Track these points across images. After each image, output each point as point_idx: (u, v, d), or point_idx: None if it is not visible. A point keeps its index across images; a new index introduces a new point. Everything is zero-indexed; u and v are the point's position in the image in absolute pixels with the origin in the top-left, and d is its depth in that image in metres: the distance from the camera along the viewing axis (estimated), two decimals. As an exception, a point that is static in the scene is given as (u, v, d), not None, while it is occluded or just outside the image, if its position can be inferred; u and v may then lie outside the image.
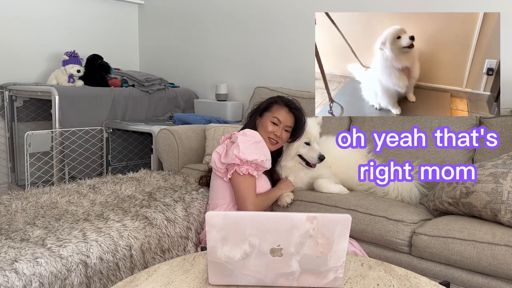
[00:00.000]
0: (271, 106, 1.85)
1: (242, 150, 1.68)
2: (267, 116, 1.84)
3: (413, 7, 2.47)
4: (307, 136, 1.93)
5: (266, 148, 1.77)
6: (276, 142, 1.83)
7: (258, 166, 1.72)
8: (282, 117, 1.82)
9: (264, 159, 1.72)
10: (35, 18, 3.47)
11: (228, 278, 1.00)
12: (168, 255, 1.61)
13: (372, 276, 1.09)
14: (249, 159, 1.67)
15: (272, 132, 1.81)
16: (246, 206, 1.70)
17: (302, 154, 1.94)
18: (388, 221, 1.68)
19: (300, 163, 1.96)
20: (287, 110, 1.84)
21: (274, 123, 1.82)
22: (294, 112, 1.85)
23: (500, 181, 1.55)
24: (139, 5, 4.14)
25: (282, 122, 1.82)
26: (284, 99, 1.88)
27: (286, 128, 1.84)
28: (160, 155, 2.52)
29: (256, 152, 1.70)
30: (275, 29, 3.16)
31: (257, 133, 1.78)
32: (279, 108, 1.84)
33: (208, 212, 0.96)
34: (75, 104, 3.02)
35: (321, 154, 1.90)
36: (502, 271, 1.42)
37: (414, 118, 2.19)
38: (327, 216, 0.96)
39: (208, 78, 3.67)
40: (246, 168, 1.69)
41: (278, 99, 1.88)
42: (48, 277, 1.25)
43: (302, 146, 1.94)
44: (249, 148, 1.69)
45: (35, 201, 1.76)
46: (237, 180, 1.72)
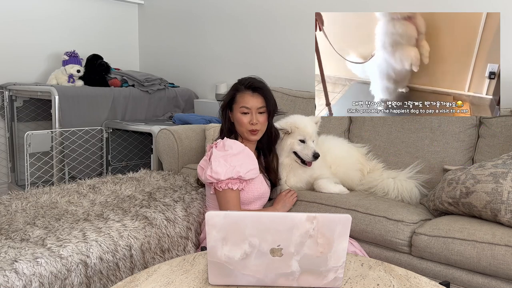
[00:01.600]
0: (235, 96, 1.76)
1: (214, 170, 1.60)
2: (236, 109, 1.75)
3: (413, 7, 2.47)
4: (302, 133, 1.92)
5: (247, 158, 1.66)
6: (256, 130, 1.74)
7: (241, 180, 1.64)
8: (249, 103, 1.72)
9: (244, 172, 1.62)
10: (35, 18, 3.47)
11: (228, 278, 1.00)
12: (168, 255, 1.61)
13: (372, 276, 1.09)
14: (222, 178, 1.59)
15: (247, 123, 1.72)
16: None
17: (297, 152, 1.93)
18: (388, 221, 1.68)
19: (295, 161, 1.96)
20: (251, 93, 1.74)
21: (244, 112, 1.73)
22: (259, 91, 1.75)
23: (500, 181, 1.55)
24: (139, 5, 4.14)
25: (251, 108, 1.72)
26: (243, 82, 1.77)
27: (259, 110, 1.74)
28: (160, 155, 2.52)
29: (233, 166, 1.61)
30: (275, 29, 3.16)
31: (236, 143, 1.68)
32: (243, 95, 1.74)
33: (208, 212, 0.96)
34: (75, 104, 3.02)
35: (315, 152, 1.88)
36: (502, 271, 1.42)
37: (414, 118, 2.18)
38: (327, 216, 0.96)
39: (208, 78, 3.67)
40: (226, 183, 1.62)
41: (238, 85, 1.78)
42: (48, 277, 1.25)
43: (297, 143, 1.92)
44: (223, 165, 1.60)
45: (35, 201, 1.76)
46: (218, 195, 1.67)
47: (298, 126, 1.92)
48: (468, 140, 2.08)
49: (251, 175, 1.66)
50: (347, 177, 2.08)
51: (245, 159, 1.66)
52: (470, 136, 2.08)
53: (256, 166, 1.69)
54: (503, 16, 1.82)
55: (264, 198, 1.83)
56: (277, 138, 1.92)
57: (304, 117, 1.98)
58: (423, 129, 2.16)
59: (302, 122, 1.93)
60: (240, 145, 1.70)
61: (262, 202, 1.83)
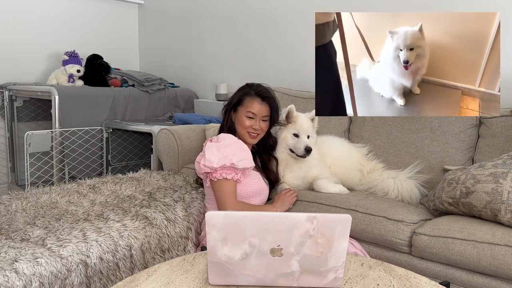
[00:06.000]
0: (243, 100, 1.79)
1: (207, 158, 1.64)
2: (241, 111, 1.78)
3: (412, 7, 2.47)
4: (296, 128, 1.94)
5: (241, 149, 1.69)
6: (256, 134, 1.79)
7: (235, 169, 1.67)
8: (256, 109, 1.76)
9: (237, 161, 1.64)
10: (35, 18, 3.47)
11: (228, 278, 1.00)
12: (168, 255, 1.61)
13: (372, 276, 1.09)
14: (215, 166, 1.63)
15: (249, 126, 1.77)
16: (225, 210, 1.64)
17: (289, 145, 1.95)
18: (388, 221, 1.68)
19: (289, 154, 1.97)
20: (260, 101, 1.78)
21: (249, 117, 1.77)
22: (267, 101, 1.79)
23: (500, 181, 1.55)
24: (139, 5, 4.14)
25: (257, 114, 1.77)
26: (254, 88, 1.81)
27: (263, 118, 1.79)
28: (160, 155, 2.52)
29: (226, 155, 1.64)
30: (275, 29, 3.16)
31: (229, 136, 1.73)
32: (252, 100, 1.77)
33: (208, 212, 0.96)
34: (75, 104, 3.02)
35: (308, 146, 1.90)
36: (502, 271, 1.42)
37: (414, 118, 2.18)
38: (327, 216, 0.96)
39: (208, 78, 3.67)
40: (220, 173, 1.65)
41: (248, 90, 1.80)
42: (48, 277, 1.25)
43: (291, 137, 1.95)
44: (216, 154, 1.64)
45: (35, 201, 1.76)
46: (214, 186, 1.69)
47: (293, 115, 1.96)
48: (468, 140, 2.08)
49: (245, 164, 1.68)
50: (347, 177, 2.08)
51: (238, 149, 1.69)
52: (470, 136, 2.08)
53: (249, 157, 1.72)
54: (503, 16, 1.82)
55: (263, 195, 1.84)
56: (273, 146, 1.96)
57: (300, 113, 2.01)
58: (423, 129, 2.16)
59: (297, 114, 1.97)
60: (234, 137, 1.74)
61: (261, 199, 1.84)
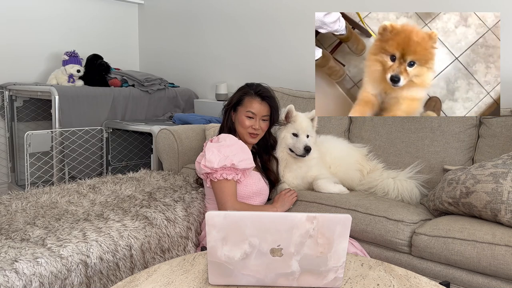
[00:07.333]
0: (243, 99, 1.79)
1: (208, 159, 1.64)
2: (241, 111, 1.79)
3: (413, 7, 2.47)
4: (295, 127, 1.94)
5: (241, 150, 1.69)
6: (256, 134, 1.80)
7: (235, 169, 1.67)
8: (256, 109, 1.77)
9: (237, 161, 1.64)
10: (35, 18, 3.47)
11: (228, 278, 1.00)
12: (168, 255, 1.61)
13: (372, 276, 1.09)
14: (215, 166, 1.63)
15: (250, 126, 1.77)
16: (225, 210, 1.65)
17: (289, 145, 1.95)
18: (388, 221, 1.68)
19: (289, 154, 1.97)
20: (260, 100, 1.78)
21: (249, 117, 1.77)
22: (267, 100, 1.79)
23: (500, 181, 1.55)
24: (139, 5, 4.14)
25: (257, 114, 1.77)
26: (254, 87, 1.80)
27: (263, 118, 1.79)
28: (160, 155, 2.52)
29: (227, 156, 1.64)
30: (275, 30, 3.16)
31: (230, 137, 1.73)
32: (251, 100, 1.78)
33: (208, 212, 0.96)
34: (75, 104, 3.02)
35: (307, 145, 1.90)
36: (502, 271, 1.42)
37: (414, 118, 2.19)
38: (327, 216, 0.96)
39: (208, 78, 3.67)
40: (220, 173, 1.65)
41: (248, 89, 1.81)
42: (48, 277, 1.25)
43: (290, 137, 1.95)
44: (217, 155, 1.64)
45: (35, 201, 1.76)
46: (214, 186, 1.69)
47: (292, 115, 1.96)
48: (468, 140, 2.08)
49: (245, 165, 1.68)
50: (347, 178, 2.09)
51: (238, 150, 1.69)
52: (470, 136, 2.08)
53: (250, 157, 1.72)
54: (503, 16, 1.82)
55: (263, 195, 1.84)
56: (274, 146, 1.97)
57: (300, 113, 2.01)
58: (423, 129, 2.16)
59: (296, 114, 1.97)
60: (234, 138, 1.74)
61: (262, 199, 1.84)
